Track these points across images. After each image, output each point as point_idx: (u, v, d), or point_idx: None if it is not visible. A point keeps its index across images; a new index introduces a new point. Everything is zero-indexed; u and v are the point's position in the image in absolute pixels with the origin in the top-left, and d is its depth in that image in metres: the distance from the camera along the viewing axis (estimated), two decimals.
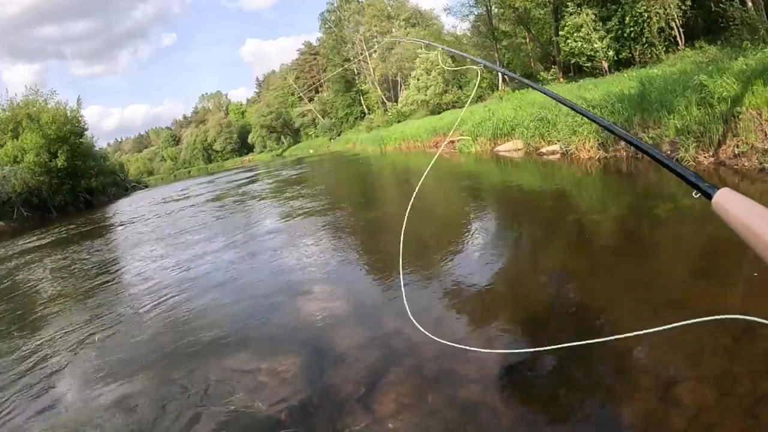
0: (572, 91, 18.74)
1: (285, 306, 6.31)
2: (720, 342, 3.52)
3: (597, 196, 9.84)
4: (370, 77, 65.00)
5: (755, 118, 8.46)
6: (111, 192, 40.82)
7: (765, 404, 2.87)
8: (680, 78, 11.50)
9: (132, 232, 16.36)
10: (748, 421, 2.80)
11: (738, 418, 2.84)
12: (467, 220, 9.45)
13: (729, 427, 2.81)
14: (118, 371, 5.17)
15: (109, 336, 6.34)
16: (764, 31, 16.28)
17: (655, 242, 6.33)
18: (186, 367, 4.93)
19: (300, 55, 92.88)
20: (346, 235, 10.08)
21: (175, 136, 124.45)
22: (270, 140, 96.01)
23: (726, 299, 4.34)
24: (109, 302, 8.05)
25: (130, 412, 4.28)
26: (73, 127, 36.42)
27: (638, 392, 3.24)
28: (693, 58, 17.48)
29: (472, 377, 3.81)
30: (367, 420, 3.54)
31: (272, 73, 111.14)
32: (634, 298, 4.64)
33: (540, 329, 4.51)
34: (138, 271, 10.07)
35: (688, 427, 2.85)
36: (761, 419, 2.77)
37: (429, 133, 29.49)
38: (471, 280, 5.97)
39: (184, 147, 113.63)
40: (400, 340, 4.67)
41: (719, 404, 2.95)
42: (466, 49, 45.26)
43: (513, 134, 18.20)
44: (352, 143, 55.39)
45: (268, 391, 4.21)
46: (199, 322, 6.17)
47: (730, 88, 9.17)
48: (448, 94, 43.37)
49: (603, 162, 11.99)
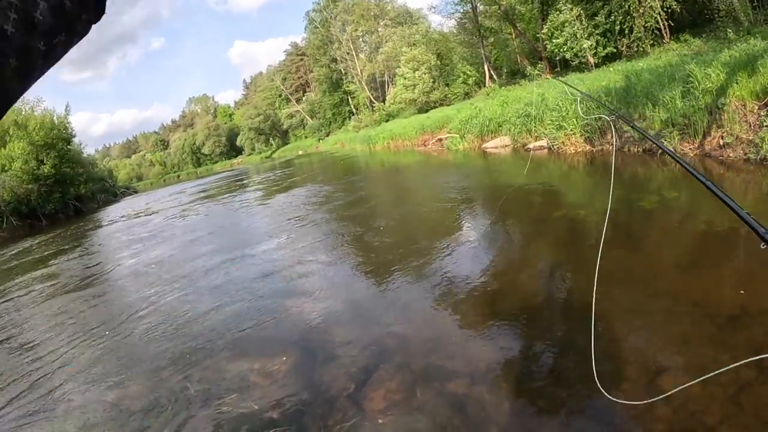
0: (559, 85, 18.75)
1: (278, 307, 6.27)
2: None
3: (588, 190, 9.83)
4: (358, 77, 64.92)
5: (740, 109, 8.48)
6: (100, 199, 40.55)
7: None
8: (665, 71, 11.54)
9: (122, 238, 16.26)
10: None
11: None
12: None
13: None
14: (110, 374, 5.22)
15: (101, 340, 6.36)
16: (748, 22, 16.37)
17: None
18: (178, 368, 4.96)
19: (287, 56, 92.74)
20: (340, 234, 10.02)
21: (164, 140, 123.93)
22: (259, 142, 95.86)
23: (720, 288, 4.37)
24: (102, 307, 8.10)
25: (123, 413, 4.32)
26: (60, 132, 36.12)
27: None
28: (678, 51, 17.58)
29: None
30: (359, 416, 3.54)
31: (259, 75, 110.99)
32: None
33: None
34: (129, 275, 10.07)
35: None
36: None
37: (417, 131, 29.46)
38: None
39: (173, 151, 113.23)
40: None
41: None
42: (453, 47, 45.41)
43: (500, 131, 18.24)
44: (341, 143, 55.37)
45: (259, 391, 4.23)
46: (192, 325, 6.19)
47: (715, 79, 9.19)
48: (436, 91, 43.36)
49: (589, 156, 12.02)
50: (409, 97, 44.90)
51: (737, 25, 16.62)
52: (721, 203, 1.37)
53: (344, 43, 64.97)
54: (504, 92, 25.86)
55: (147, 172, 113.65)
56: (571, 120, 13.12)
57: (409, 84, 44.49)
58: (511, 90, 25.77)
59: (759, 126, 8.12)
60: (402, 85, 45.57)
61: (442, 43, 48.78)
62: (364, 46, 66.24)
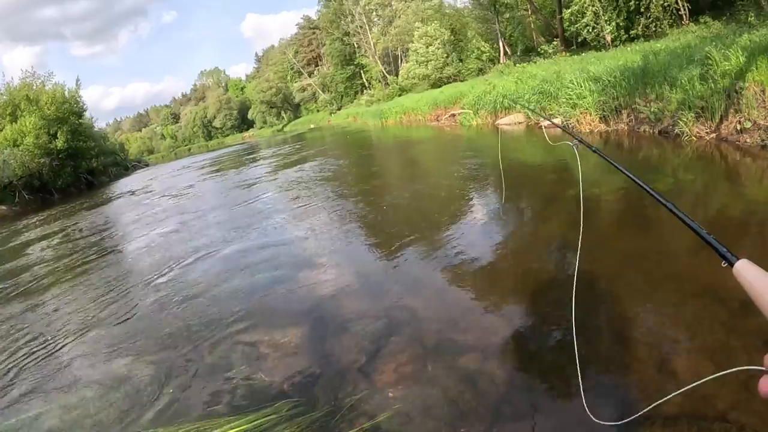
0: (575, 63, 18.64)
1: (289, 279, 6.31)
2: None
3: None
4: (371, 51, 64.38)
5: (759, 94, 8.32)
6: (112, 172, 40.55)
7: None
8: (684, 52, 11.39)
9: (135, 210, 16.35)
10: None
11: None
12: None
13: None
14: (121, 344, 5.27)
15: (112, 311, 6.45)
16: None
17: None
18: (189, 339, 5.02)
19: (299, 30, 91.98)
20: (349, 207, 10.03)
21: (175, 114, 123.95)
22: (270, 116, 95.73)
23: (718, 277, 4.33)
24: (114, 278, 8.13)
25: (134, 385, 4.34)
26: (71, 107, 36.03)
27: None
28: (698, 33, 17.34)
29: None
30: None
31: (271, 48, 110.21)
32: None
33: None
34: (142, 247, 10.20)
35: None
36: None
37: (430, 106, 29.26)
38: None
39: (184, 124, 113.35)
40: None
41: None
42: (468, 22, 44.89)
43: (514, 107, 18.13)
44: (353, 117, 55.14)
45: (270, 362, 4.29)
46: (203, 296, 6.25)
47: (735, 62, 9.05)
48: (449, 67, 42.99)
49: (604, 136, 11.92)
50: (422, 72, 44.55)
51: (758, 9, 16.35)
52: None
53: (357, 16, 64.35)
54: (519, 69, 25.64)
55: (158, 146, 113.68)
56: (587, 99, 12.98)
57: (422, 60, 44.13)
58: (526, 67, 25.50)
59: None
60: (415, 61, 45.19)
61: (456, 18, 48.22)
62: (378, 19, 65.46)
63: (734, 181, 7.26)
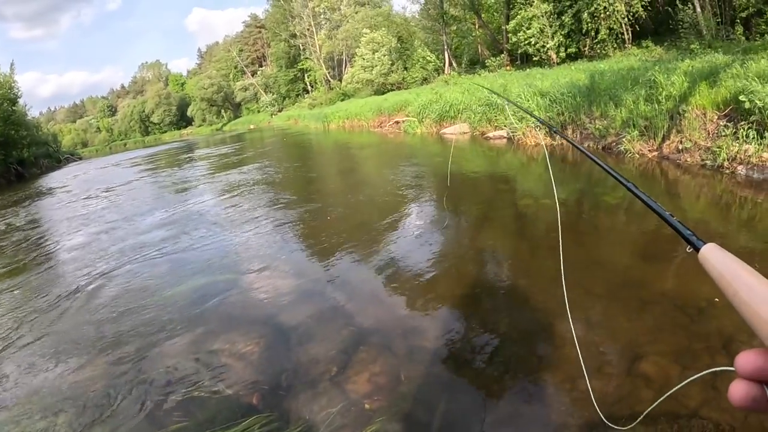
0: (521, 78, 19.01)
1: (239, 284, 6.00)
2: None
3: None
4: (316, 54, 64.06)
5: (700, 117, 8.74)
6: (43, 164, 38.27)
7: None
8: (628, 73, 11.75)
9: (68, 208, 15.42)
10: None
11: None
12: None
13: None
14: (66, 357, 4.69)
15: (48, 318, 5.82)
16: (710, 36, 16.89)
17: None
18: (141, 350, 4.54)
19: (245, 28, 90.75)
20: (290, 213, 9.77)
21: (112, 106, 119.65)
22: (210, 114, 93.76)
23: (663, 283, 4.51)
24: (51, 282, 7.43)
25: (77, 401, 3.86)
26: (5, 93, 33.96)
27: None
28: (639, 57, 18.04)
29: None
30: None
31: (216, 45, 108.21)
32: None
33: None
34: (80, 248, 9.39)
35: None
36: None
37: (374, 113, 29.20)
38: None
39: (121, 118, 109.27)
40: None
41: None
42: (415, 31, 45.37)
43: (460, 117, 18.30)
44: (294, 120, 54.61)
45: (233, 374, 3.94)
46: (148, 300, 5.79)
47: (679, 86, 9.43)
48: (394, 74, 43.21)
49: (549, 149, 12.10)
50: (366, 77, 44.63)
51: (699, 37, 17.14)
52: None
53: (305, 18, 63.93)
54: (465, 80, 25.96)
55: (92, 139, 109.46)
56: (534, 113, 13.19)
57: (367, 65, 44.22)
58: (471, 79, 25.85)
59: (717, 135, 8.33)
60: (360, 66, 45.20)
61: (404, 27, 48.61)
62: (325, 23, 65.31)
63: (674, 196, 7.54)
